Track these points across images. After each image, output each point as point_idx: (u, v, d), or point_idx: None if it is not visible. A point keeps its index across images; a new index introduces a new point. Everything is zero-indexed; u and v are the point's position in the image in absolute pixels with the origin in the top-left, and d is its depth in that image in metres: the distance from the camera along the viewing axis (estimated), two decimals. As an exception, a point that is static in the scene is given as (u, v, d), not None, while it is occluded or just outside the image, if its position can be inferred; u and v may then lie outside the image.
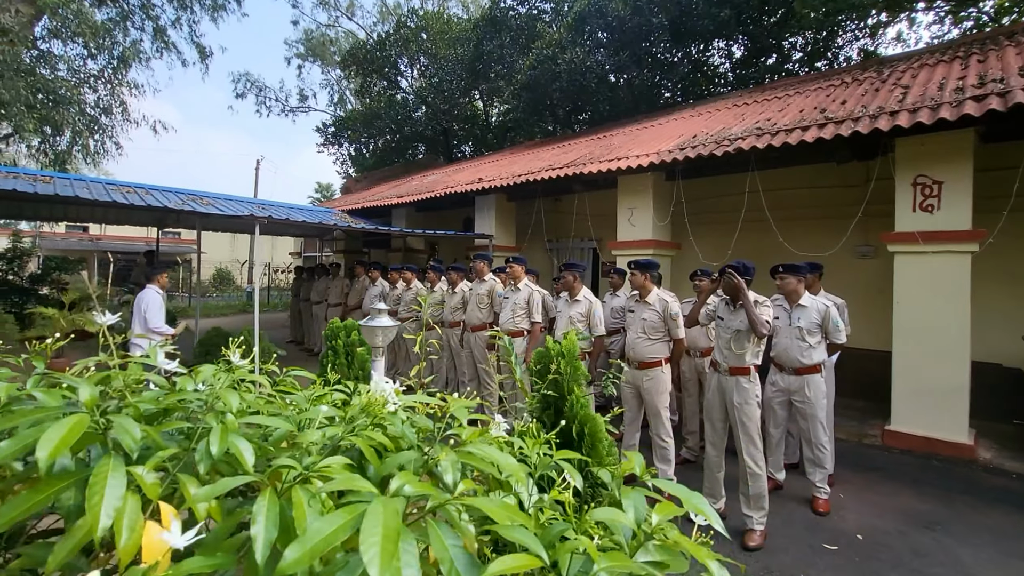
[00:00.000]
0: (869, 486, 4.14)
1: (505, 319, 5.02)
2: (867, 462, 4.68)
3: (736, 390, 3.30)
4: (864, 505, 3.79)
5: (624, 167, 6.54)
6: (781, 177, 6.69)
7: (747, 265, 3.33)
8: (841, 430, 5.38)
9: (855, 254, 6.63)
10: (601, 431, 1.99)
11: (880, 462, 4.68)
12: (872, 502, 3.84)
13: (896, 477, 4.32)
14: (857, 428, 5.43)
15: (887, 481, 4.24)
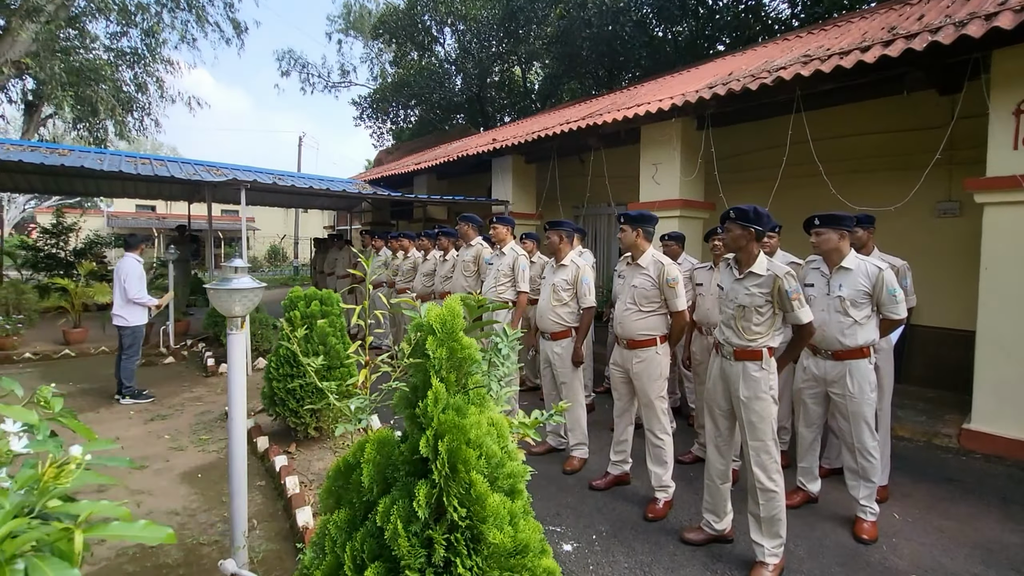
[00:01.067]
0: (936, 504, 3.20)
1: (488, 288, 4.35)
2: (936, 471, 3.70)
3: (743, 380, 2.48)
4: (927, 532, 2.89)
5: (644, 113, 5.59)
6: (835, 120, 5.52)
7: (759, 211, 2.47)
8: (904, 427, 4.37)
9: (933, 212, 5.40)
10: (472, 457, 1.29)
11: (954, 471, 3.68)
12: (939, 528, 2.93)
13: (975, 493, 3.34)
14: (926, 425, 4.39)
15: (962, 498, 3.28)
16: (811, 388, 2.98)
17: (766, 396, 2.46)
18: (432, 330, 1.46)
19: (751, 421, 2.48)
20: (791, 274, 2.43)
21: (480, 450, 1.36)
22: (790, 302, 2.42)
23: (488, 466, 1.38)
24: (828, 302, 2.85)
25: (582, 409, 3.67)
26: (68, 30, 12.00)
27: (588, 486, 3.36)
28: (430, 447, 1.29)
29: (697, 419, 3.83)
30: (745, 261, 2.54)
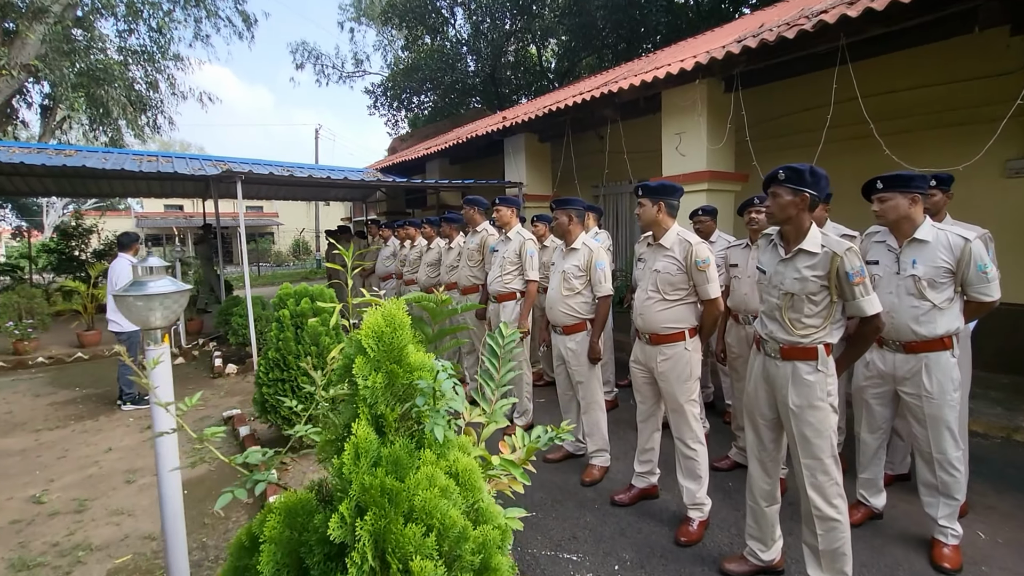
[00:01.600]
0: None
1: (493, 277, 3.93)
2: (1021, 474, 3.15)
3: (793, 384, 2.01)
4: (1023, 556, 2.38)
5: (665, 75, 5.01)
6: (885, 72, 4.84)
7: (817, 172, 1.97)
8: (978, 421, 3.80)
9: (1002, 172, 4.71)
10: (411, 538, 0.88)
11: (1047, 476, 3.12)
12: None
13: (1078, 504, 2.79)
14: (1004, 419, 3.80)
15: (1062, 511, 2.73)
16: (876, 387, 2.47)
17: (823, 404, 1.98)
18: (362, 348, 1.05)
19: (804, 435, 2.00)
20: (854, 251, 1.93)
21: (429, 522, 0.95)
22: (852, 287, 1.92)
23: (443, 543, 0.97)
24: (898, 283, 2.32)
25: (601, 411, 3.24)
26: (77, 30, 11.93)
27: (610, 501, 2.94)
28: (346, 527, 0.89)
29: (735, 419, 3.35)
30: (793, 236, 2.05)
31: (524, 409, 3.97)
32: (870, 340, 2.03)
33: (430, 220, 5.08)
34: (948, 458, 2.28)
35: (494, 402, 2.04)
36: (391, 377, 1.04)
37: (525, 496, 3.06)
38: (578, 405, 3.30)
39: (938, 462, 2.31)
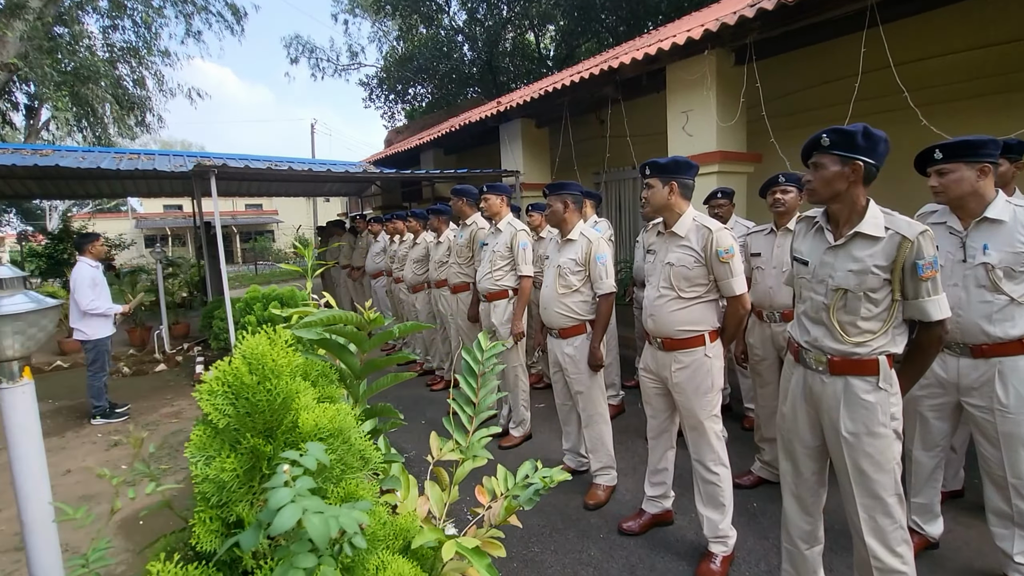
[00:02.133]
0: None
1: (482, 274, 3.52)
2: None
3: (846, 407, 1.60)
4: (1121, 601, 1.96)
5: (670, 47, 4.56)
6: (918, 35, 4.36)
7: (872, 134, 1.55)
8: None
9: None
10: None
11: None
12: None
13: None
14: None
15: None
16: (935, 397, 2.06)
17: (885, 431, 1.57)
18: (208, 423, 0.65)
19: (861, 469, 1.60)
20: (930, 235, 1.51)
21: None
22: (919, 283, 1.51)
23: None
24: (965, 273, 1.91)
25: (606, 424, 2.84)
26: (59, 27, 11.55)
27: (618, 530, 2.55)
28: None
29: (758, 429, 2.94)
30: (845, 217, 1.63)
31: (521, 419, 3.58)
32: (932, 353, 1.60)
33: (415, 212, 4.67)
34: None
35: (471, 433, 1.65)
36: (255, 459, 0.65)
37: (521, 522, 2.68)
38: (578, 417, 2.91)
39: (1014, 488, 1.90)
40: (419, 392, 4.87)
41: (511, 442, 3.56)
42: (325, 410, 0.75)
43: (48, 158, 7.33)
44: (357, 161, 11.72)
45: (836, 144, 1.58)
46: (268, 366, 0.71)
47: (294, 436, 0.70)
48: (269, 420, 0.70)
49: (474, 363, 1.74)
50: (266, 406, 0.69)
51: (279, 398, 0.70)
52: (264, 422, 0.69)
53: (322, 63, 24.23)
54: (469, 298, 3.90)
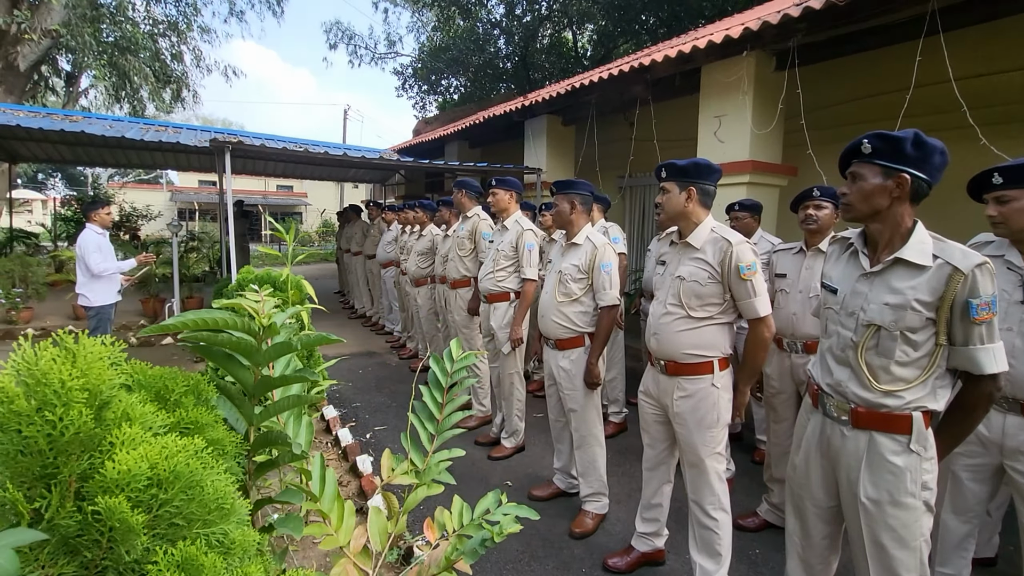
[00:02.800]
0: None
1: (484, 273, 3.32)
2: None
3: (869, 467, 1.36)
4: None
5: (706, 45, 4.28)
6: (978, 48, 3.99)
7: (924, 141, 1.30)
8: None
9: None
10: None
11: None
12: None
13: None
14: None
15: None
16: (973, 456, 1.79)
17: (914, 502, 1.32)
18: None
19: (880, 543, 1.35)
20: (988, 268, 1.26)
21: None
22: (971, 328, 1.26)
23: None
24: (1022, 316, 1.63)
25: (600, 447, 2.62)
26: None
27: (603, 565, 2.32)
28: None
29: (768, 467, 2.67)
30: (886, 239, 1.38)
31: (514, 429, 3.37)
32: (980, 414, 1.34)
33: (423, 203, 4.49)
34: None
35: (429, 455, 1.46)
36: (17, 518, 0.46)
37: (499, 547, 2.48)
38: (571, 436, 2.69)
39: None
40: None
41: (501, 453, 3.36)
42: (159, 446, 0.56)
43: (76, 124, 7.43)
44: (383, 149, 11.65)
45: (880, 152, 1.33)
46: (53, 388, 0.52)
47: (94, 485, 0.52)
48: (50, 463, 0.52)
49: (442, 375, 1.55)
50: (45, 444, 0.51)
51: (69, 431, 0.52)
52: (41, 465, 0.51)
53: (360, 50, 24.38)
54: (468, 294, 3.71)
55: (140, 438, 0.57)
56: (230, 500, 0.65)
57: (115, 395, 0.59)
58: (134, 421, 0.59)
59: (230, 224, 5.18)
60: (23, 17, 9.90)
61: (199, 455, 0.61)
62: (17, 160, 10.15)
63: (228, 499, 0.65)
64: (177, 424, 0.72)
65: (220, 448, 0.77)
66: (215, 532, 0.62)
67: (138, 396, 0.66)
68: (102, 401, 0.57)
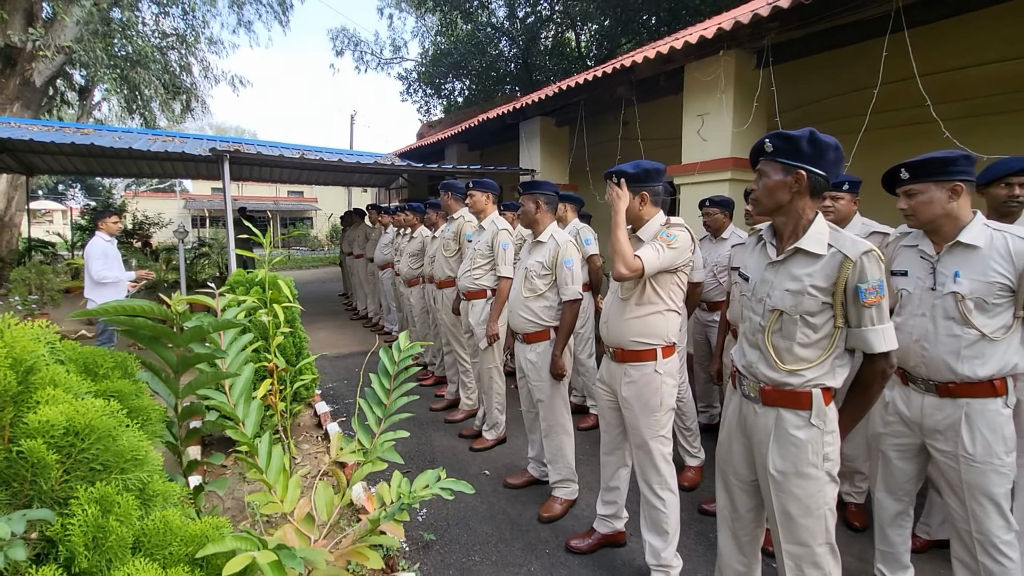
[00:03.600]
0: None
1: (463, 271, 3.46)
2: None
3: (776, 441, 1.47)
4: None
5: (683, 46, 4.38)
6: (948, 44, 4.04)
7: (819, 139, 1.41)
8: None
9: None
10: None
11: None
12: None
13: None
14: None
15: None
16: (898, 436, 1.88)
17: (816, 472, 1.43)
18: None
19: (787, 512, 1.46)
20: (875, 256, 1.36)
21: None
22: (861, 309, 1.36)
23: None
24: (934, 302, 1.72)
25: (567, 435, 2.73)
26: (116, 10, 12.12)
27: (565, 546, 2.44)
28: None
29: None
30: (789, 231, 1.49)
31: (495, 422, 3.50)
32: (876, 390, 1.44)
33: (412, 205, 4.65)
34: (993, 540, 1.67)
35: (376, 436, 1.59)
36: None
37: (469, 530, 2.61)
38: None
39: (979, 544, 1.71)
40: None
41: (483, 445, 3.49)
42: (76, 405, 0.70)
43: (86, 137, 7.72)
44: (385, 154, 11.87)
45: (780, 151, 1.44)
46: None
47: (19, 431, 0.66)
48: None
49: (389, 364, 1.68)
50: None
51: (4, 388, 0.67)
52: None
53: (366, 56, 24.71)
54: (454, 293, 3.85)
55: (62, 398, 0.71)
56: (143, 452, 0.79)
57: (41, 364, 0.74)
58: (59, 385, 0.74)
59: (229, 230, 5.38)
60: (38, 35, 10.28)
61: (115, 415, 0.75)
62: (34, 172, 10.51)
63: (141, 451, 0.79)
64: (104, 392, 0.86)
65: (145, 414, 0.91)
66: (131, 479, 0.76)
67: (67, 368, 0.81)
68: (27, 367, 0.71)
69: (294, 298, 3.26)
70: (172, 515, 0.79)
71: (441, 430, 3.86)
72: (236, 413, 1.28)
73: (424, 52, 23.16)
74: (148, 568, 0.69)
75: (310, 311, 8.65)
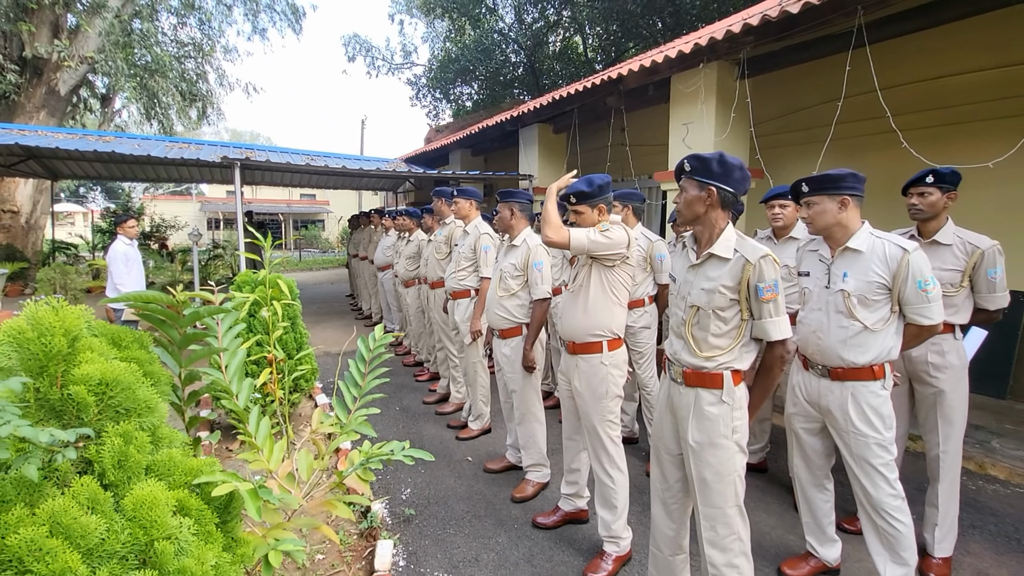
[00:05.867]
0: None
1: (449, 273, 3.73)
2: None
3: (694, 416, 1.70)
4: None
5: (663, 59, 4.61)
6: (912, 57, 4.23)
7: (727, 161, 1.65)
8: (999, 466, 3.25)
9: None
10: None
11: (1067, 539, 2.58)
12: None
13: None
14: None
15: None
16: (804, 415, 2.12)
17: (726, 443, 1.66)
18: None
19: (703, 478, 1.69)
20: (770, 259, 1.60)
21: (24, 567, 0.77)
22: (760, 304, 1.60)
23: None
24: (827, 298, 1.97)
25: (539, 424, 2.98)
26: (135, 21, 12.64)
27: (532, 522, 2.69)
28: None
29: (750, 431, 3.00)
30: (705, 238, 1.73)
31: (479, 413, 3.76)
32: (776, 370, 1.68)
33: (408, 211, 4.93)
34: (884, 505, 1.90)
35: (353, 411, 1.86)
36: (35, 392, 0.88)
37: (447, 508, 2.87)
38: (517, 415, 3.06)
39: (874, 509, 1.94)
40: (404, 380, 5.13)
41: (468, 435, 3.75)
42: (107, 364, 0.97)
43: (107, 144, 8.13)
44: (392, 158, 12.20)
45: (695, 170, 1.68)
46: (45, 325, 0.94)
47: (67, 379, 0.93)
48: (43, 364, 0.93)
49: (365, 351, 1.95)
50: (42, 353, 0.92)
51: (53, 348, 0.93)
52: (39, 365, 0.92)
53: (377, 62, 25.18)
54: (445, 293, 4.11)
55: (97, 359, 0.97)
56: (154, 403, 1.05)
57: (82, 334, 1.00)
58: (95, 351, 1.00)
59: (239, 233, 5.71)
60: (63, 46, 10.79)
61: (134, 374, 1.01)
62: (58, 177, 11.01)
63: (153, 402, 1.05)
64: (126, 358, 1.13)
65: (156, 377, 1.18)
66: (145, 422, 1.02)
67: (99, 339, 1.07)
68: (73, 336, 0.97)
69: (294, 297, 3.56)
70: (175, 452, 1.05)
71: (432, 421, 4.12)
72: (230, 387, 1.55)
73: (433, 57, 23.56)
74: (158, 486, 0.95)
75: (318, 311, 8.99)
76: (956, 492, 2.31)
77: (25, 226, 11.76)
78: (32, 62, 10.94)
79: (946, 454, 2.26)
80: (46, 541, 0.80)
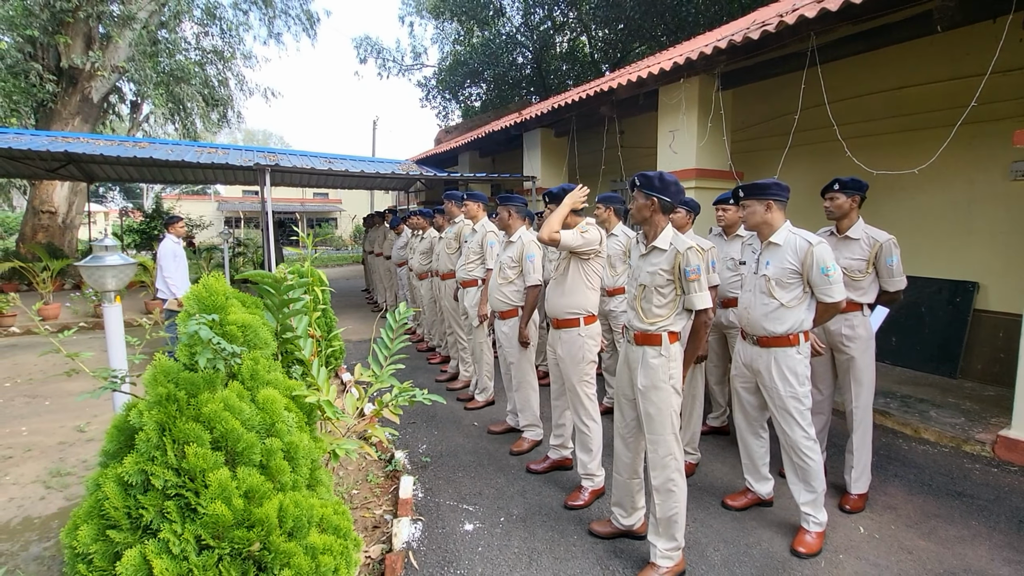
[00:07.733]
0: (923, 521, 2.73)
1: (460, 265, 4.31)
2: (948, 482, 3.15)
3: (642, 367, 2.26)
4: (890, 551, 2.48)
5: (647, 75, 5.14)
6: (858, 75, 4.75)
7: (665, 179, 2.23)
8: (931, 429, 3.77)
9: (1005, 175, 4.49)
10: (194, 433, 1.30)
11: (971, 485, 3.11)
12: (908, 549, 2.50)
13: (984, 512, 2.80)
14: (959, 429, 3.73)
15: (963, 518, 2.76)
16: (742, 375, 2.67)
17: (665, 386, 2.22)
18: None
19: (648, 413, 2.25)
20: (696, 250, 2.16)
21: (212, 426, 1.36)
22: (687, 283, 2.15)
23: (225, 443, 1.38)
24: (755, 282, 2.53)
25: (532, 391, 3.56)
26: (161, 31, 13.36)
27: (526, 469, 3.27)
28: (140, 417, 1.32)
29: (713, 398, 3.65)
30: (651, 235, 2.29)
31: (484, 387, 4.34)
32: (701, 332, 2.24)
33: (421, 211, 5.52)
34: (798, 446, 2.45)
35: (384, 366, 2.45)
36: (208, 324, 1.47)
37: (457, 459, 3.46)
38: (514, 383, 3.63)
39: (792, 449, 2.48)
40: (418, 363, 5.73)
41: (475, 405, 4.33)
42: (245, 313, 1.56)
43: (144, 150, 8.82)
44: (403, 160, 12.82)
45: (643, 184, 2.24)
46: (209, 291, 1.52)
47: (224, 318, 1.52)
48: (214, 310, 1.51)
49: (393, 321, 2.54)
50: (211, 304, 1.50)
51: (217, 303, 1.51)
52: (211, 311, 1.51)
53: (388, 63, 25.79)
54: (454, 284, 4.70)
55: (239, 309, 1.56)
56: (268, 339, 1.63)
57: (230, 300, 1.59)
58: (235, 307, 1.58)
59: (270, 232, 6.33)
60: (96, 56, 11.51)
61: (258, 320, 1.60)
62: (93, 180, 11.74)
63: (267, 339, 1.63)
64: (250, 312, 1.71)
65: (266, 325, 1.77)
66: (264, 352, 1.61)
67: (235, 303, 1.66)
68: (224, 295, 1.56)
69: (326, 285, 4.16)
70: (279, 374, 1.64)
71: (443, 395, 4.65)
72: (299, 343, 2.14)
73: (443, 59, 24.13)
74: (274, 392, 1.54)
75: (336, 304, 9.61)
76: (868, 440, 2.84)
77: (62, 226, 12.55)
78: (68, 72, 11.68)
79: (858, 408, 2.80)
80: (223, 412, 1.38)
